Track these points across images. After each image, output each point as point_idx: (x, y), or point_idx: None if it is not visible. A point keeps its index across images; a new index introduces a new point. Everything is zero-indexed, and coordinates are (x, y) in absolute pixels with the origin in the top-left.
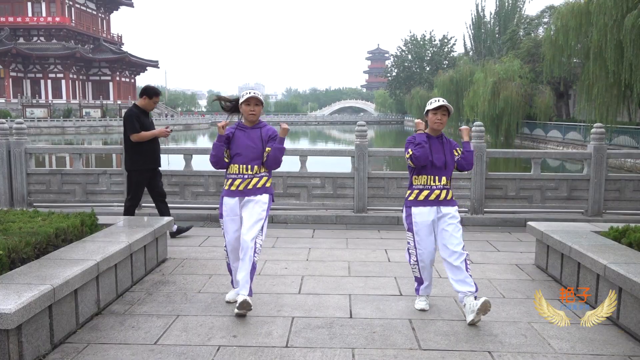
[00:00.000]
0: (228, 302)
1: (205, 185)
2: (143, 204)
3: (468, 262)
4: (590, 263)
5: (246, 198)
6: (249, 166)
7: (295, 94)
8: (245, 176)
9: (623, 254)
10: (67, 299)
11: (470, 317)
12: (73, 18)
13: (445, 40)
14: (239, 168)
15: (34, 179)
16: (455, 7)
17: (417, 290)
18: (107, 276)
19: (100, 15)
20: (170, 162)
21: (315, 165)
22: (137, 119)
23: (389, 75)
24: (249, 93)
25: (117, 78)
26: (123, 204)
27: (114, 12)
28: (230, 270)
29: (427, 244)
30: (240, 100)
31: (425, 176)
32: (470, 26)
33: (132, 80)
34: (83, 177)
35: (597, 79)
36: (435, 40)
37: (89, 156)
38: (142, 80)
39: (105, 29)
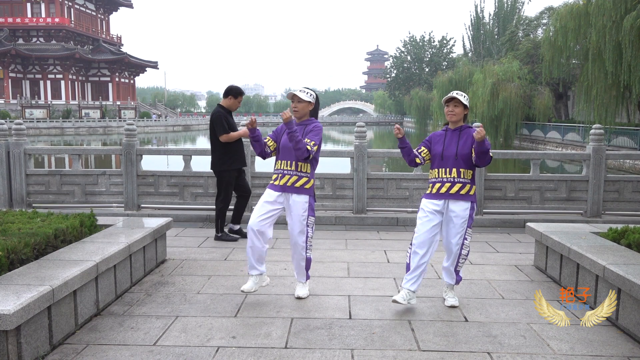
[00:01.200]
0: (243, 292)
1: (204, 186)
2: (142, 205)
3: (461, 261)
4: (590, 264)
5: (289, 196)
6: (289, 162)
7: None
8: (285, 172)
9: (622, 255)
10: (66, 300)
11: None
12: (72, 19)
13: (445, 42)
14: (280, 164)
15: (33, 180)
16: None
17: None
18: (106, 277)
19: (99, 16)
20: (169, 163)
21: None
22: (225, 119)
23: (388, 76)
24: (292, 90)
25: (117, 79)
26: (122, 205)
27: (113, 12)
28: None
29: (423, 231)
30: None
31: (437, 169)
32: (469, 27)
33: (132, 81)
34: (82, 178)
35: (596, 80)
36: (434, 42)
37: (88, 157)
38: (141, 81)
39: (104, 30)
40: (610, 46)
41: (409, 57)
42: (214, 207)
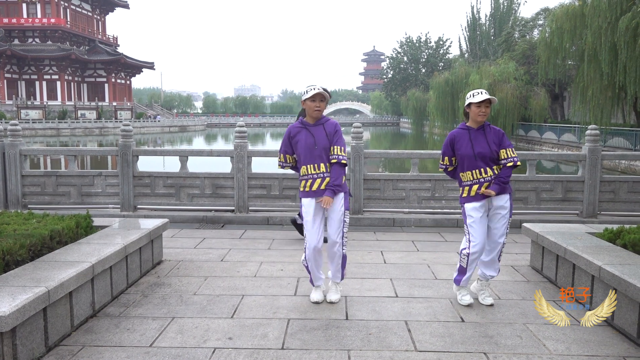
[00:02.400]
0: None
1: (201, 187)
2: (139, 206)
3: (502, 252)
4: (586, 264)
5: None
6: (316, 165)
7: (291, 95)
8: (314, 176)
9: (618, 255)
10: (62, 302)
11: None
12: (68, 19)
13: (441, 42)
14: (306, 168)
15: (29, 181)
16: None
17: (456, 280)
18: (102, 278)
19: (95, 16)
20: (165, 164)
21: None
22: None
23: (384, 77)
24: (314, 89)
25: (113, 79)
26: (118, 206)
27: (110, 13)
28: (309, 271)
29: (480, 238)
30: (305, 97)
31: (470, 171)
32: (465, 28)
33: (128, 82)
34: (78, 179)
35: (591, 81)
36: (430, 42)
37: (84, 158)
38: (138, 81)
39: (100, 31)
40: (606, 47)
41: (405, 58)
42: (211, 208)
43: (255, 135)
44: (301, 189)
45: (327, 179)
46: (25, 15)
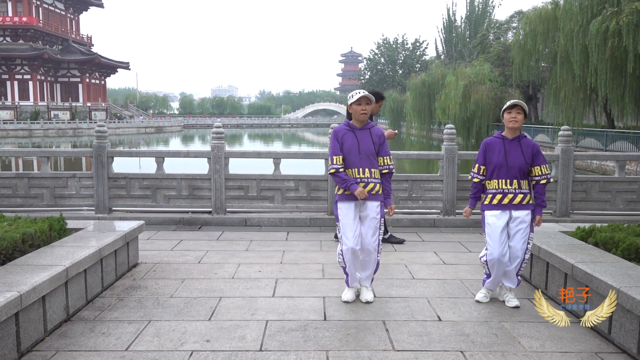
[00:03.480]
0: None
1: (177, 188)
2: (114, 208)
3: (524, 265)
4: (559, 262)
5: (364, 203)
6: (360, 169)
7: (269, 96)
8: (358, 180)
9: (589, 253)
10: (35, 306)
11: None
12: (41, 18)
13: (418, 44)
14: (351, 172)
15: (0, 183)
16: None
17: (483, 281)
18: (76, 282)
19: (69, 15)
20: (141, 165)
21: (289, 168)
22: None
23: (362, 78)
24: (359, 93)
25: (87, 80)
26: (93, 208)
27: (84, 12)
28: (347, 272)
29: (496, 246)
30: (351, 101)
31: (497, 180)
32: (441, 30)
33: (103, 82)
34: (51, 181)
35: (564, 82)
36: (407, 44)
37: (58, 159)
38: (113, 82)
39: (74, 30)
40: (578, 50)
41: (382, 59)
42: (188, 209)
43: (232, 136)
44: (339, 193)
45: (371, 185)
46: None
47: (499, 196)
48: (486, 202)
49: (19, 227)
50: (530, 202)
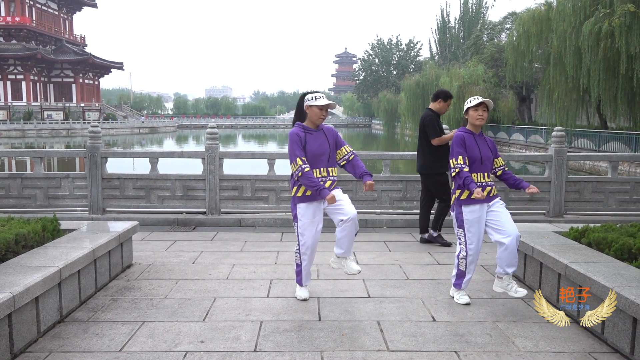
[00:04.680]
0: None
1: (172, 189)
2: (108, 209)
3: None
4: (552, 263)
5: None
6: (322, 169)
7: (263, 97)
8: (324, 180)
9: (583, 254)
10: (28, 307)
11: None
12: (34, 18)
13: (412, 45)
14: (316, 172)
15: None
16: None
17: (457, 285)
18: (69, 283)
19: (62, 15)
20: (135, 166)
21: (284, 168)
22: (437, 122)
23: (356, 78)
24: (323, 97)
25: (81, 80)
26: (87, 209)
27: (77, 12)
28: (300, 272)
29: (477, 240)
30: (313, 103)
31: (475, 174)
32: (435, 31)
33: (96, 82)
34: (44, 182)
35: (557, 83)
36: (401, 45)
37: (51, 160)
38: (106, 82)
39: (67, 30)
40: (571, 51)
41: (376, 60)
42: (182, 210)
43: (227, 137)
44: (299, 195)
45: (329, 182)
46: None
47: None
48: (464, 197)
49: (12, 227)
50: (495, 193)
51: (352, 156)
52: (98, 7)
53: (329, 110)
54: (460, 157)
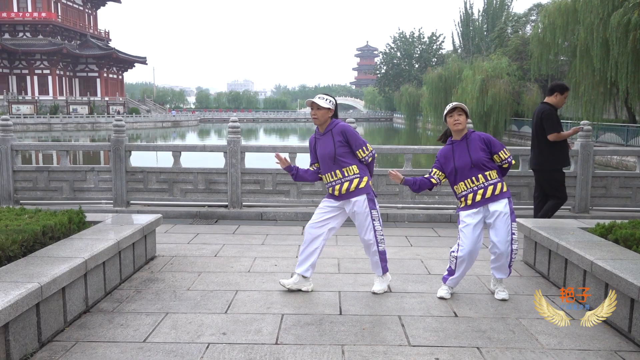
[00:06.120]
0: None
1: (194, 182)
2: (132, 202)
3: (514, 256)
4: (578, 259)
5: (348, 202)
6: (333, 173)
7: (284, 90)
8: (334, 184)
9: (609, 250)
10: (55, 297)
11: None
12: (59, 13)
13: (434, 38)
14: (326, 177)
15: (21, 176)
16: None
17: (444, 278)
18: (95, 274)
19: (87, 10)
20: (158, 159)
21: (305, 162)
22: (556, 117)
23: (378, 72)
24: (311, 98)
25: (105, 74)
26: (111, 201)
27: (101, 7)
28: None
29: (468, 242)
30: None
31: (462, 183)
32: (458, 24)
33: (120, 77)
34: (70, 174)
35: (583, 76)
36: (424, 38)
37: (77, 153)
38: (130, 76)
39: (92, 25)
40: (598, 43)
41: (398, 54)
42: (204, 203)
43: (248, 131)
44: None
45: (346, 183)
46: (15, 10)
47: (470, 195)
48: (462, 205)
49: (40, 219)
50: (504, 190)
51: (365, 162)
52: (122, 1)
53: (350, 104)
54: (434, 169)
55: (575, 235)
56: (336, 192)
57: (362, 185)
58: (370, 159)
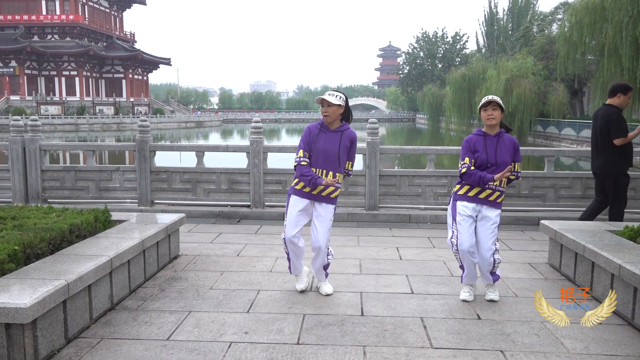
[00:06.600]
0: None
1: (217, 182)
2: (156, 201)
3: (497, 265)
4: (605, 262)
5: (318, 204)
6: (325, 171)
7: (306, 91)
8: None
9: (638, 254)
10: (81, 295)
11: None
12: (86, 16)
13: (458, 37)
14: (316, 172)
15: (49, 176)
16: (468, 4)
17: (462, 278)
18: (120, 272)
19: (113, 13)
20: (182, 159)
21: None
22: (623, 120)
23: (400, 72)
24: (321, 95)
25: (130, 75)
26: (136, 201)
27: (127, 10)
28: (289, 259)
29: (465, 237)
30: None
31: None
32: (482, 23)
33: (145, 78)
34: (96, 174)
35: (612, 76)
36: (447, 37)
37: (102, 153)
38: (154, 77)
39: (117, 27)
40: (627, 42)
41: (421, 54)
42: (227, 203)
43: (270, 131)
44: (297, 187)
45: (330, 187)
46: (44, 12)
47: (476, 189)
48: (461, 193)
49: (67, 218)
50: (499, 201)
51: (346, 174)
52: (147, 4)
53: (372, 104)
54: (467, 158)
55: (602, 237)
56: (315, 191)
57: (335, 195)
58: (350, 175)
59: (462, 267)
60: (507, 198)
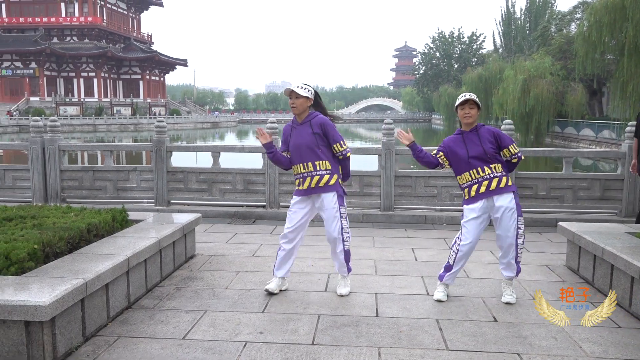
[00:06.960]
0: (269, 292)
1: (232, 182)
2: (172, 201)
3: (519, 251)
4: (624, 265)
5: (317, 197)
6: (305, 164)
7: (322, 92)
8: (305, 175)
9: None
10: (99, 293)
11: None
12: (104, 18)
13: (474, 37)
14: (298, 168)
15: (67, 175)
16: (485, 4)
17: (440, 276)
18: (137, 271)
19: (130, 15)
20: (198, 160)
21: None
22: None
23: (416, 72)
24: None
25: (147, 77)
26: (152, 200)
27: (144, 11)
28: (277, 257)
29: (471, 235)
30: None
31: (467, 173)
32: (499, 23)
33: (162, 79)
34: (114, 174)
35: (632, 75)
36: (463, 37)
37: (120, 153)
38: (171, 78)
39: (135, 29)
40: None
41: (437, 54)
42: (242, 203)
43: None
44: (296, 188)
45: (317, 177)
46: (63, 14)
47: (475, 187)
48: (466, 197)
49: (85, 217)
50: (509, 184)
51: (341, 157)
52: (164, 5)
53: (387, 104)
54: (439, 152)
55: (622, 240)
56: (305, 185)
57: (332, 182)
58: (347, 154)
59: (449, 267)
60: (524, 199)
